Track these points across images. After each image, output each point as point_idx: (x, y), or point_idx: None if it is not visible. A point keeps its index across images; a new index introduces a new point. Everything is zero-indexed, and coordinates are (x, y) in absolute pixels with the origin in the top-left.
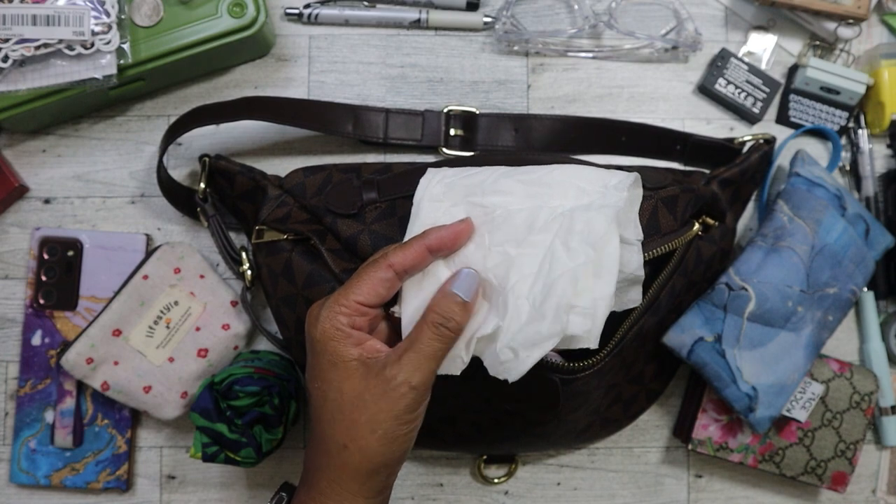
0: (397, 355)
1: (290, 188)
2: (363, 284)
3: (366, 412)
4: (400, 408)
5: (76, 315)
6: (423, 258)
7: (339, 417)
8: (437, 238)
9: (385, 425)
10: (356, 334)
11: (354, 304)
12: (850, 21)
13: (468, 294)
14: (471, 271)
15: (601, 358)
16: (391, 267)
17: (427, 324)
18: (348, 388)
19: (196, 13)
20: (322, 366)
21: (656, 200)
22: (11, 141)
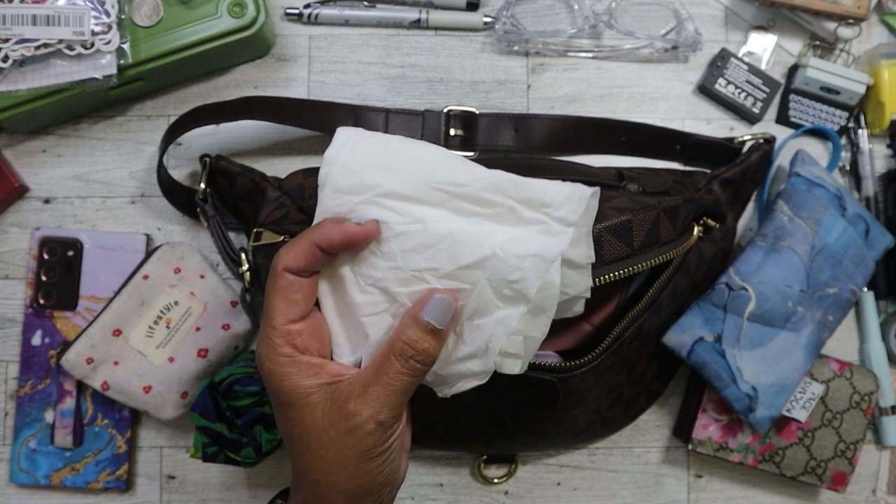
0: (361, 387)
1: (288, 190)
2: (274, 302)
3: (332, 449)
4: (368, 444)
5: (76, 315)
6: (314, 256)
7: (307, 454)
8: (326, 237)
9: (354, 461)
10: (306, 361)
11: (282, 328)
12: (850, 21)
13: (442, 321)
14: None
15: (597, 355)
16: (286, 269)
17: (395, 354)
18: (311, 424)
19: (196, 13)
20: (280, 405)
21: (659, 211)
22: (11, 141)
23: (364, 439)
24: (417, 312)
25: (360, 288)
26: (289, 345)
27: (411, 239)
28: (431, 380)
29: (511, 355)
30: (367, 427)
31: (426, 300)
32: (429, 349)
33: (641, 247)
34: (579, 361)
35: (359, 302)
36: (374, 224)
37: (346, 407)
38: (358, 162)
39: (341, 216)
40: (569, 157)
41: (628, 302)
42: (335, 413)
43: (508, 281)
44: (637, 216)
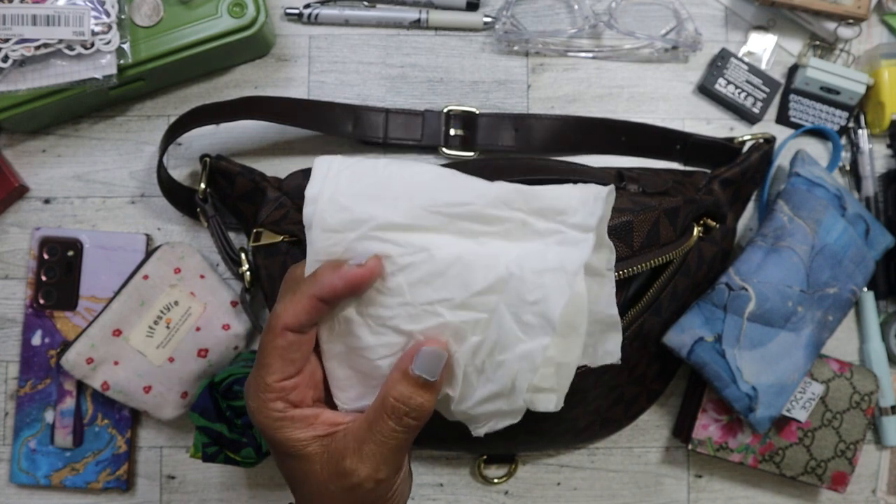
0: (356, 443)
1: (289, 190)
2: (270, 361)
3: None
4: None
5: (76, 315)
6: (317, 310)
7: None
8: (329, 289)
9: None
10: (300, 415)
11: (276, 385)
12: (850, 21)
13: (434, 373)
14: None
15: None
16: (287, 329)
17: (387, 412)
18: (311, 475)
19: (196, 13)
20: (276, 454)
21: (659, 212)
22: (11, 141)
23: (365, 497)
24: (406, 366)
25: (371, 330)
26: (281, 400)
27: (418, 270)
28: (462, 419)
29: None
30: (367, 486)
31: (414, 351)
32: (423, 404)
33: (641, 248)
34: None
35: (372, 345)
36: (376, 261)
37: (342, 464)
38: (345, 194)
39: (336, 258)
40: (569, 158)
41: (628, 302)
42: (333, 469)
43: (529, 302)
44: (637, 217)
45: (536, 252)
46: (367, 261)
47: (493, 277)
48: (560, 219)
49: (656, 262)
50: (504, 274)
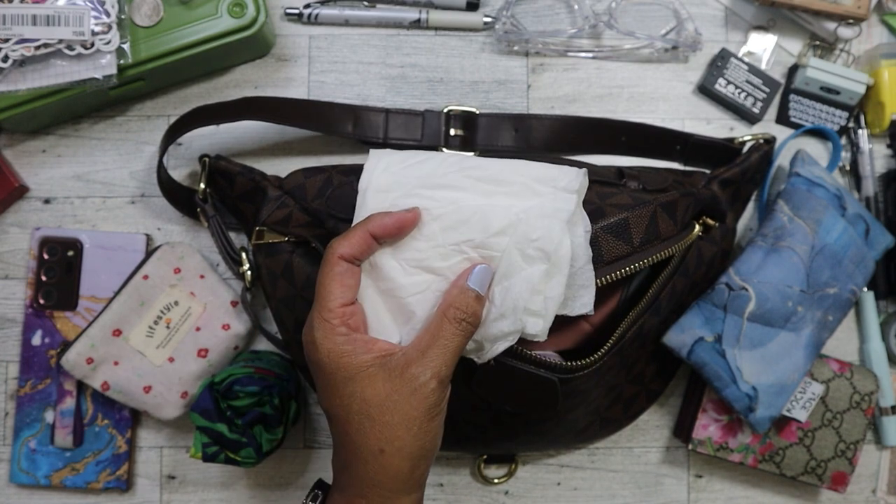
0: (419, 352)
1: (290, 189)
2: (331, 287)
3: (397, 413)
4: (431, 402)
5: (76, 315)
6: (368, 244)
7: (368, 424)
8: (380, 225)
9: (419, 421)
10: (361, 338)
11: (338, 309)
12: (850, 21)
13: (483, 288)
14: (485, 267)
15: (599, 357)
16: (342, 258)
17: (448, 319)
18: (372, 395)
19: (196, 13)
20: (337, 383)
21: (655, 206)
22: (11, 141)
23: (428, 398)
24: (463, 282)
25: (405, 271)
26: (344, 325)
27: (448, 218)
28: (469, 347)
29: (533, 313)
30: (431, 385)
31: (469, 271)
32: (477, 311)
33: (642, 243)
34: (582, 363)
35: (405, 284)
36: (418, 210)
37: (407, 371)
38: (395, 166)
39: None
40: (568, 158)
41: (628, 302)
42: (397, 379)
43: (531, 239)
44: (633, 213)
45: (538, 205)
46: (412, 208)
47: (507, 221)
48: (552, 184)
49: (659, 257)
50: (514, 219)
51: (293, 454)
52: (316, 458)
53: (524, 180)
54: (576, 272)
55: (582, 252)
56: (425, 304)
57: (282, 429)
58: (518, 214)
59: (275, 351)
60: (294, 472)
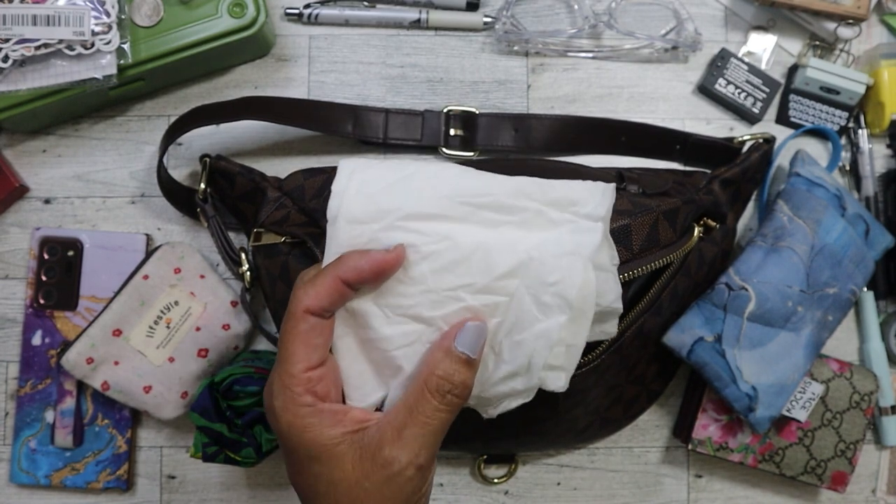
0: (395, 430)
1: (289, 190)
2: (293, 348)
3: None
4: (408, 491)
5: (76, 315)
6: (339, 293)
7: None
8: (353, 270)
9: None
10: (328, 409)
11: (302, 375)
12: (850, 21)
13: (475, 351)
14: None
15: (598, 355)
16: (309, 311)
17: (429, 391)
18: (340, 478)
19: (196, 13)
20: (300, 461)
21: (657, 214)
22: (11, 141)
23: (404, 486)
24: (449, 344)
25: (389, 320)
26: (309, 393)
27: (441, 257)
28: (474, 403)
29: (554, 368)
30: (407, 473)
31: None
32: (466, 380)
33: (641, 250)
34: (581, 361)
35: (388, 335)
36: (402, 248)
37: (380, 454)
38: (370, 188)
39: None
40: (569, 158)
41: (628, 303)
42: (368, 462)
43: (548, 283)
44: (635, 220)
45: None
46: (394, 247)
47: (515, 261)
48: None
49: (657, 265)
50: (525, 258)
51: None
52: None
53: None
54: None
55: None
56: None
57: None
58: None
59: (275, 351)
60: None
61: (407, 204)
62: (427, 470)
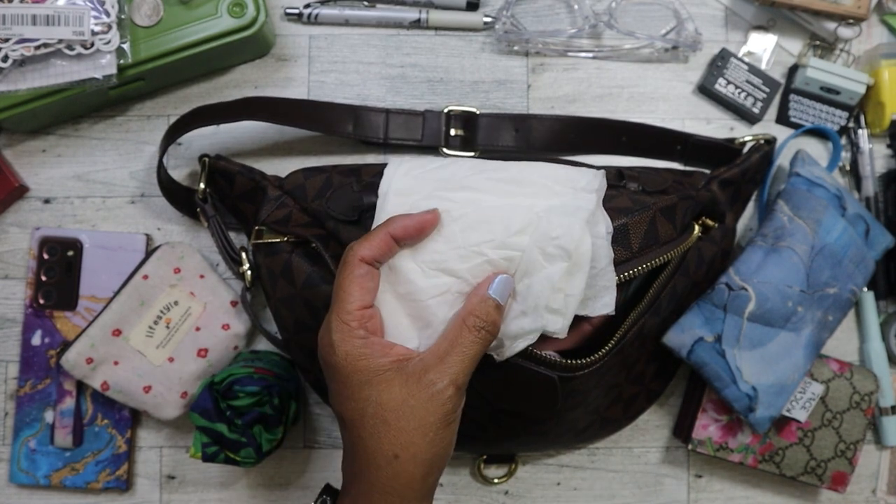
0: (437, 358)
1: (290, 189)
2: (351, 289)
3: (413, 418)
4: (448, 408)
5: (76, 315)
6: (389, 246)
7: (383, 429)
8: (401, 227)
9: (434, 428)
10: (378, 342)
11: (357, 312)
12: (850, 21)
13: (504, 298)
14: (506, 277)
15: (600, 357)
16: (363, 260)
17: (467, 327)
18: (388, 399)
19: (196, 13)
20: (352, 386)
21: (654, 211)
22: (11, 141)
23: (445, 404)
24: (484, 291)
25: (424, 273)
26: (362, 328)
27: (468, 218)
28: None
29: (554, 311)
30: (448, 392)
31: (490, 280)
32: (497, 320)
33: (641, 249)
34: (582, 362)
35: (424, 286)
36: (437, 210)
37: (425, 377)
38: (415, 170)
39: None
40: (569, 158)
41: (628, 302)
42: (414, 384)
43: (552, 237)
44: (632, 219)
45: (559, 204)
46: (432, 210)
47: (527, 220)
48: (571, 185)
49: (657, 262)
50: (534, 218)
51: (293, 454)
52: (316, 458)
53: (544, 181)
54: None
55: (604, 253)
56: (444, 306)
57: (282, 429)
58: (539, 213)
59: (275, 351)
60: (294, 472)
61: (441, 180)
62: (462, 391)
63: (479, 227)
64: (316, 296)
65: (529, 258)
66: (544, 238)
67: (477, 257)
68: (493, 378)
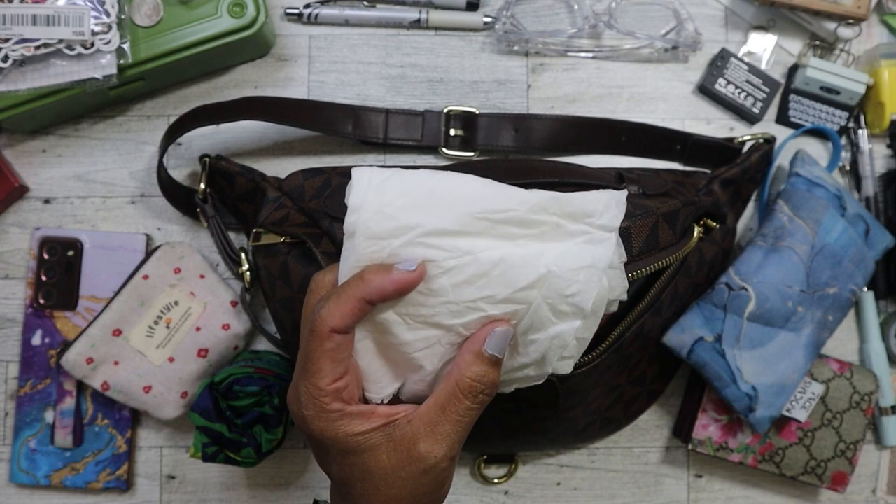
0: (428, 427)
1: (288, 190)
2: (322, 365)
3: (406, 489)
4: (442, 479)
5: (76, 315)
6: (362, 312)
7: (373, 492)
8: (378, 291)
9: (429, 495)
10: (356, 411)
11: (330, 388)
12: (850, 21)
13: (502, 352)
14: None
15: (598, 355)
16: (334, 331)
17: (462, 392)
18: (376, 466)
19: (196, 13)
20: (334, 454)
21: (657, 217)
22: (11, 141)
23: (439, 476)
24: (479, 348)
25: (409, 327)
26: (337, 401)
27: (462, 272)
28: None
29: (565, 358)
30: (442, 465)
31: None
32: (495, 380)
33: (641, 253)
34: (581, 360)
35: (409, 340)
36: (423, 266)
37: (415, 449)
38: (391, 205)
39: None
40: (569, 158)
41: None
42: (403, 455)
43: (566, 296)
44: (635, 223)
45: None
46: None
47: (535, 275)
48: (588, 221)
49: (656, 267)
50: (544, 272)
51: (293, 454)
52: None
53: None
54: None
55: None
56: (434, 358)
57: (282, 429)
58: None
59: (275, 351)
60: (294, 472)
61: (427, 220)
62: (456, 459)
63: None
64: None
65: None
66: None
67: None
68: None
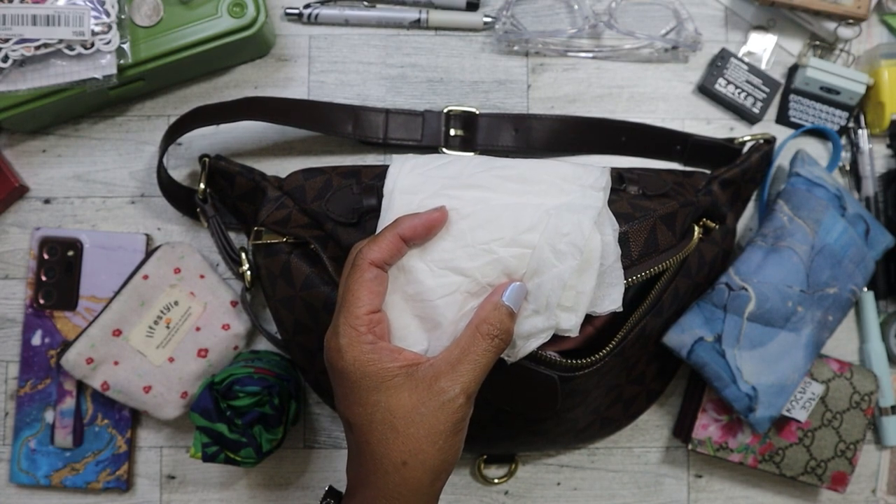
0: (449, 366)
1: (289, 190)
2: (360, 293)
3: (423, 425)
4: (458, 417)
5: (76, 315)
6: (398, 248)
7: (392, 436)
8: (410, 227)
9: (444, 435)
10: (386, 347)
11: (365, 316)
12: (850, 21)
13: (517, 305)
14: (521, 285)
15: (601, 357)
16: (373, 264)
17: (480, 335)
18: (397, 405)
19: (196, 13)
20: (360, 391)
21: (655, 219)
22: (11, 141)
23: (456, 412)
24: (497, 298)
25: (433, 273)
26: (371, 332)
27: (477, 217)
28: None
29: (567, 309)
30: (459, 401)
31: (504, 287)
32: (510, 328)
33: (640, 257)
34: (583, 362)
35: (432, 286)
36: (445, 208)
37: (436, 384)
38: (420, 168)
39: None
40: (569, 158)
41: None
42: (424, 391)
43: (562, 234)
44: (633, 228)
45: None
46: (440, 207)
47: (537, 218)
48: (578, 182)
49: (656, 270)
50: (544, 216)
51: (293, 454)
52: (316, 458)
53: (551, 179)
54: (605, 270)
55: (611, 250)
56: (453, 307)
57: (282, 429)
58: (548, 211)
59: (275, 351)
60: (294, 472)
61: (448, 177)
62: (472, 400)
63: (488, 225)
64: (315, 297)
65: (540, 256)
66: (555, 235)
67: (486, 255)
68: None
